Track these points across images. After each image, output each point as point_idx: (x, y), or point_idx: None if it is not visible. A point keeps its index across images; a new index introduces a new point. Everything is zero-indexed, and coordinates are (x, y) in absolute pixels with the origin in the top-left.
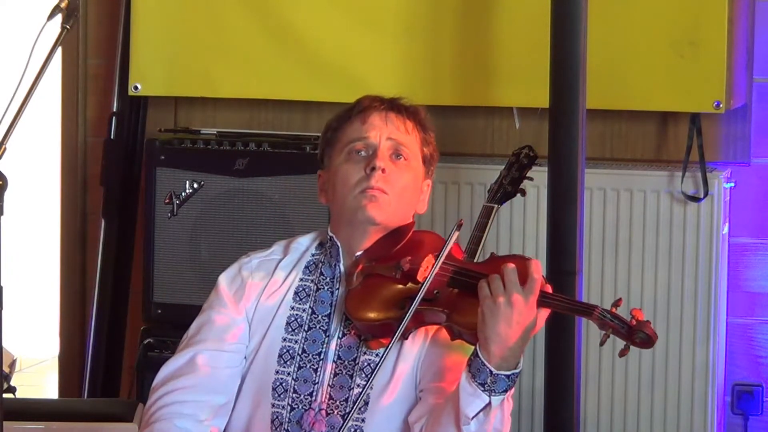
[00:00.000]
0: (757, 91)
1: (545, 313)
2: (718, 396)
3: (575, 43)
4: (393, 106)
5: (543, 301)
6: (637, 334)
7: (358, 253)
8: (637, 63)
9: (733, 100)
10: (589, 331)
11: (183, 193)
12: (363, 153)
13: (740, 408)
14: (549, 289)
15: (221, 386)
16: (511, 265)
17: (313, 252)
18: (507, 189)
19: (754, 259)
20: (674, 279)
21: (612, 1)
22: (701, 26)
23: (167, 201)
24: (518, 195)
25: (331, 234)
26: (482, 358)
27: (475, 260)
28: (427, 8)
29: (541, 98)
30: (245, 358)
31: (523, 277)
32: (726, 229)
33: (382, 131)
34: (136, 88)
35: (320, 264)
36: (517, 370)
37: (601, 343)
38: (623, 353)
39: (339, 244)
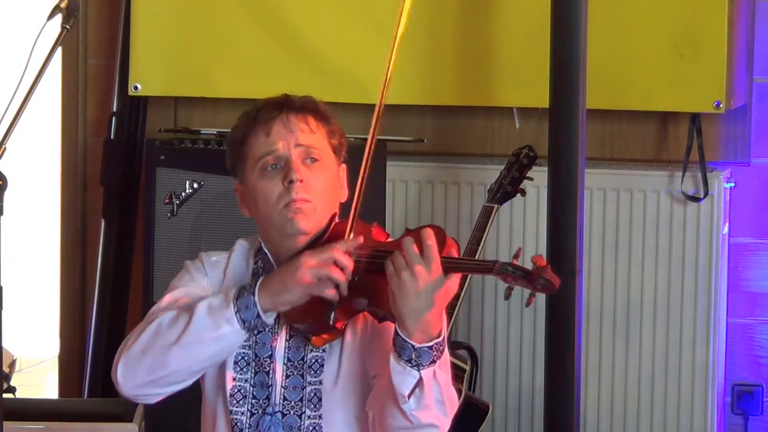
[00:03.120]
0: (757, 91)
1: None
2: (718, 396)
3: (575, 43)
4: (290, 107)
5: (446, 266)
6: (537, 281)
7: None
8: (637, 63)
9: (733, 100)
10: (589, 331)
11: (183, 193)
12: (276, 166)
13: (740, 408)
14: (455, 252)
15: None
16: (408, 238)
17: (254, 260)
18: (507, 189)
19: (754, 259)
20: (674, 279)
21: (612, 1)
22: (701, 26)
23: (167, 201)
24: (518, 195)
25: (261, 241)
26: (402, 335)
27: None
28: (427, 8)
29: (541, 98)
30: None
31: (421, 247)
32: (726, 229)
33: (289, 140)
34: (136, 88)
35: (260, 270)
36: (439, 339)
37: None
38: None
39: (268, 253)
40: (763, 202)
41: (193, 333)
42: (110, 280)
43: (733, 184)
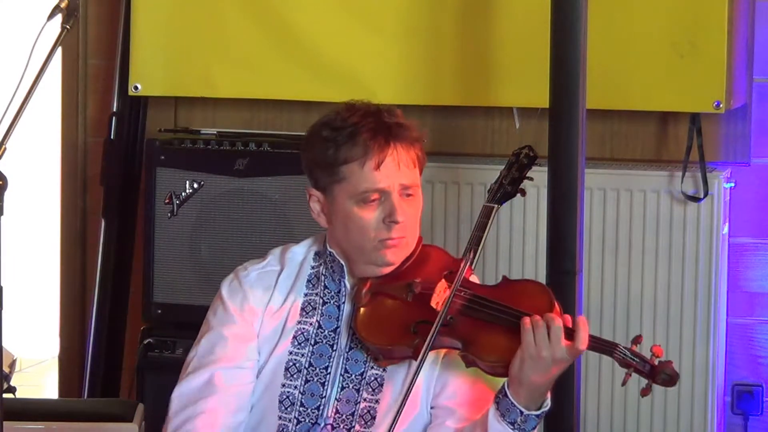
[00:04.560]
0: (757, 91)
1: None
2: (718, 396)
3: (575, 43)
4: (398, 137)
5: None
6: (659, 375)
7: None
8: (637, 63)
9: (733, 100)
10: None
11: (183, 193)
12: (376, 200)
13: (740, 408)
14: (569, 321)
15: (243, 404)
16: (558, 324)
17: (312, 264)
18: (507, 189)
19: (754, 259)
20: (674, 279)
21: (612, 2)
22: (701, 26)
23: (167, 201)
24: (518, 195)
25: (331, 250)
26: (512, 399)
27: (474, 260)
28: (427, 8)
29: (541, 98)
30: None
31: (571, 337)
32: (726, 229)
33: (395, 179)
34: (136, 88)
35: (322, 277)
36: (545, 408)
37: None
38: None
39: (343, 263)
40: (763, 202)
41: None
42: (110, 280)
43: (733, 184)
